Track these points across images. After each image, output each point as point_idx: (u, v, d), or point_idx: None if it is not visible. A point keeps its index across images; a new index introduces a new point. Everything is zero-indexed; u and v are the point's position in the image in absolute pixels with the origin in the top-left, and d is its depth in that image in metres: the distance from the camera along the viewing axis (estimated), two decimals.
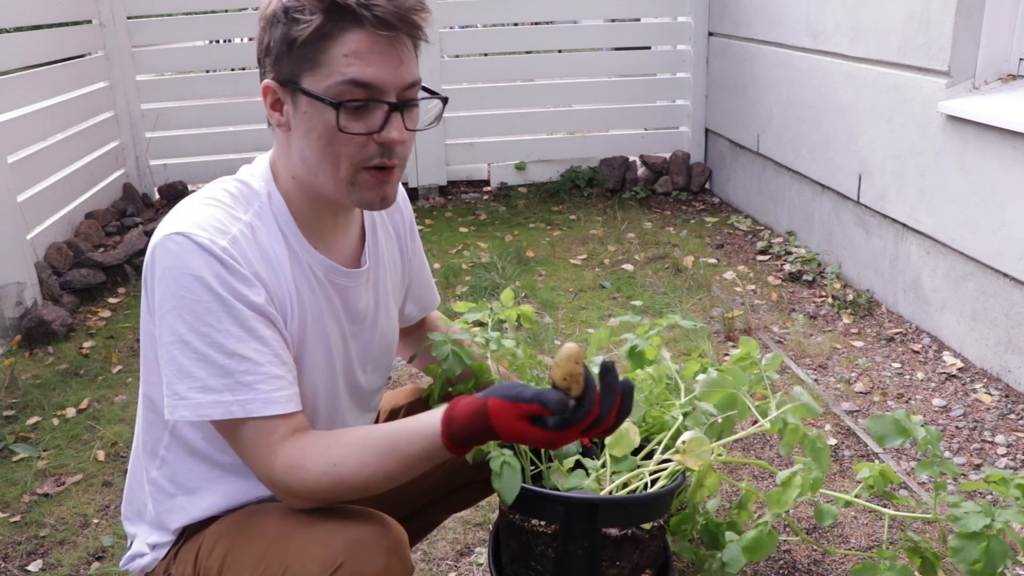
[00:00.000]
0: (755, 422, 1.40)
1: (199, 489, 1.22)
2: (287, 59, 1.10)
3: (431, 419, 1.05)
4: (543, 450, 1.40)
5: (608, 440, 1.30)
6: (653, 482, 1.29)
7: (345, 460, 1.06)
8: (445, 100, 1.20)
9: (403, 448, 1.05)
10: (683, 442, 1.26)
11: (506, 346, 1.46)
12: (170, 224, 1.10)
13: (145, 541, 1.26)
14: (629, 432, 1.30)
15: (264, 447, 1.08)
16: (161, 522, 1.24)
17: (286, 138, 1.16)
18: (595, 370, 1.04)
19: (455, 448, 1.04)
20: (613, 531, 1.25)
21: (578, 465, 1.36)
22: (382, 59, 1.08)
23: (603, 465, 1.32)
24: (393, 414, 1.55)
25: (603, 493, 1.28)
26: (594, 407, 1.01)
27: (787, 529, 2.05)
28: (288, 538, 1.10)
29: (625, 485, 1.29)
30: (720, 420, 1.39)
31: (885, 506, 1.98)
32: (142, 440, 1.26)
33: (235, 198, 1.16)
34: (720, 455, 1.39)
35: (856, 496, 1.48)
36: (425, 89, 1.17)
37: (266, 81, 1.14)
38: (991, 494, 2.05)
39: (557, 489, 1.30)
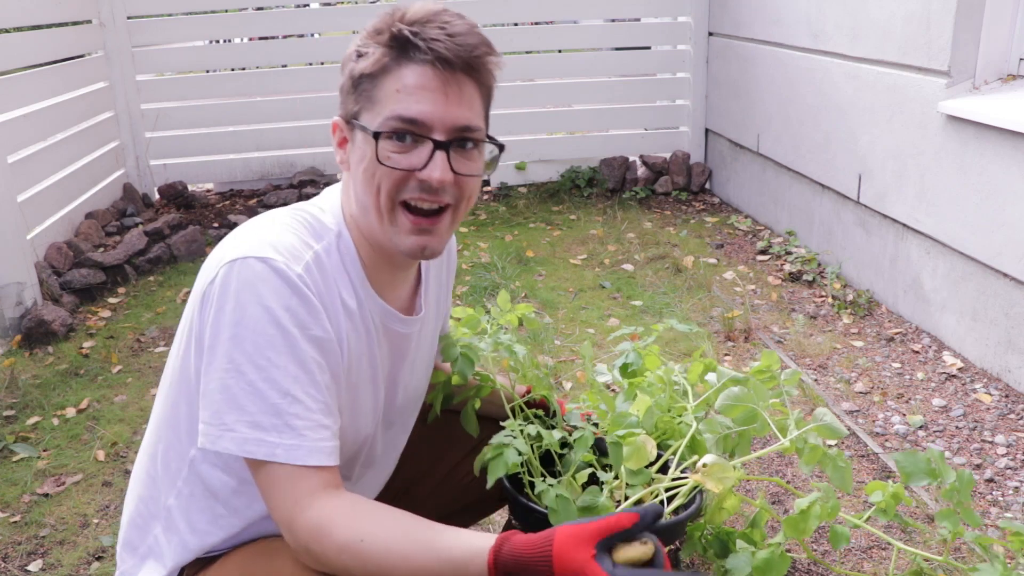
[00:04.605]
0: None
1: (208, 532, 1.17)
2: (352, 96, 1.10)
3: (483, 536, 0.99)
4: (555, 462, 1.40)
5: (624, 452, 1.28)
6: (669, 499, 1.26)
7: (374, 538, 1.00)
8: (502, 147, 1.15)
9: (439, 550, 0.98)
10: (704, 464, 1.21)
11: (518, 353, 1.44)
12: (243, 246, 1.07)
13: None
14: (645, 445, 1.26)
15: (292, 496, 1.03)
16: (159, 554, 1.20)
17: (348, 177, 1.15)
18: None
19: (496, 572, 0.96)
20: None
21: (592, 479, 1.33)
22: (434, 95, 1.06)
23: (616, 477, 1.28)
24: None
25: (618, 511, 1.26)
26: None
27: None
28: None
29: (640, 502, 1.25)
30: (736, 435, 1.36)
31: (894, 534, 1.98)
32: (160, 467, 1.20)
33: (307, 227, 1.14)
34: (740, 474, 1.37)
35: (867, 520, 1.46)
36: (489, 139, 1.14)
37: (334, 118, 1.14)
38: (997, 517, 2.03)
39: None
